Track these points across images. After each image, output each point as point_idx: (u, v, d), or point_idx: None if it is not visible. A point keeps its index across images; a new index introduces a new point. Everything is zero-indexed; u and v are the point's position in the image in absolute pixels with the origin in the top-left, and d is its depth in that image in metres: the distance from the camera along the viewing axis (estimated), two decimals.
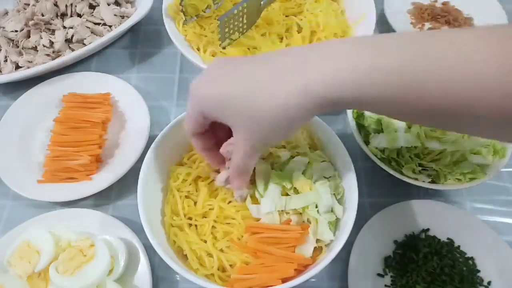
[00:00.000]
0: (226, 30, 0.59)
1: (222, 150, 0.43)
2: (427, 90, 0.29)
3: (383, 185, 0.59)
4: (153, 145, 0.50)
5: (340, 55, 0.32)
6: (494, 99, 0.27)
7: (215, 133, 0.44)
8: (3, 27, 0.72)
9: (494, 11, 0.80)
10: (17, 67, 0.68)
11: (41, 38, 0.70)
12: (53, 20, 0.72)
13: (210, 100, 0.36)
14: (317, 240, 0.46)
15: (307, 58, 0.33)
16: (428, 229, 0.55)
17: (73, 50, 0.70)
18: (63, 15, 0.73)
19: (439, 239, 0.54)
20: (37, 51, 0.70)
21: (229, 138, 0.42)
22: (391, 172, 0.53)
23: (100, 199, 0.58)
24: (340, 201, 0.48)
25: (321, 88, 0.31)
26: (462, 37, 0.29)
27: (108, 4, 0.74)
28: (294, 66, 0.33)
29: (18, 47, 0.70)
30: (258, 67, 0.35)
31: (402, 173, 0.53)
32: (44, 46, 0.69)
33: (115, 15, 0.74)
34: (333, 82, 0.31)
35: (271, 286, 0.41)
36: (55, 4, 0.72)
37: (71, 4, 0.73)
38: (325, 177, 0.49)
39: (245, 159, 0.39)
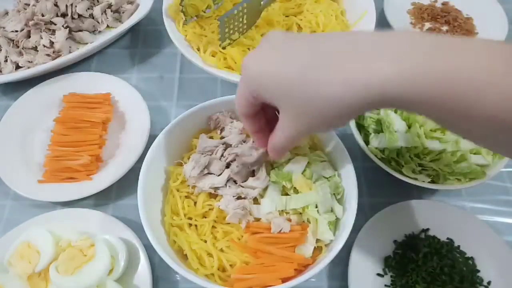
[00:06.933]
0: (226, 30, 0.60)
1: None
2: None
3: (383, 185, 0.59)
4: (153, 145, 0.50)
5: (414, 50, 0.27)
6: None
7: (265, 112, 0.41)
8: (3, 27, 0.72)
9: (494, 11, 0.80)
10: (18, 67, 0.68)
11: (41, 38, 0.70)
12: (54, 20, 0.72)
13: (260, 79, 0.33)
14: (317, 240, 0.46)
15: (375, 45, 0.28)
16: (428, 229, 0.55)
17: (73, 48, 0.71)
18: (63, 15, 0.73)
19: (439, 239, 0.54)
20: (37, 51, 0.70)
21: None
22: (391, 172, 0.53)
23: (100, 199, 0.58)
24: (340, 201, 0.48)
25: (384, 84, 0.27)
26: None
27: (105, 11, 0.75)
28: (357, 52, 0.29)
29: (18, 47, 0.70)
30: (316, 48, 0.31)
31: (402, 173, 0.53)
32: (44, 46, 0.69)
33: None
34: (403, 81, 0.26)
35: (271, 286, 0.41)
36: (55, 4, 0.72)
37: (71, 4, 0.73)
38: (325, 177, 0.49)
39: (288, 141, 0.37)
